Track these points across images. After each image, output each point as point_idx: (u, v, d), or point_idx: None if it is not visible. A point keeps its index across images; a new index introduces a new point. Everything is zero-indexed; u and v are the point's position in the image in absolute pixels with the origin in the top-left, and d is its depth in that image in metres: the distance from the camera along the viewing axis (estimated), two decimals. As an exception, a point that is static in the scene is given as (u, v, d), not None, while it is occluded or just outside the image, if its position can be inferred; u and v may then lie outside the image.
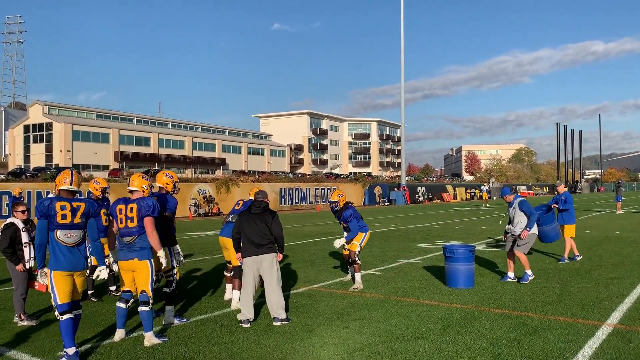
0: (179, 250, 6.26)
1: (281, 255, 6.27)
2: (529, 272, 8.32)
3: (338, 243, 8.12)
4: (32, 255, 6.35)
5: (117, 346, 5.31)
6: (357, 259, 8.11)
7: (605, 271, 9.22)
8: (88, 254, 7.39)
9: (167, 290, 6.19)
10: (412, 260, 11.01)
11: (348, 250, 8.19)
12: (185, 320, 6.28)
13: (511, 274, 8.45)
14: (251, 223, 6.14)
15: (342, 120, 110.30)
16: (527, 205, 8.38)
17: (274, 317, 6.08)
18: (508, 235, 8.56)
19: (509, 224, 8.55)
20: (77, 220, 5.03)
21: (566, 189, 10.93)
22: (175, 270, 6.23)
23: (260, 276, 6.17)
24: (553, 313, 6.36)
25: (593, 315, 6.22)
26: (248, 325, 5.93)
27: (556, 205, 10.55)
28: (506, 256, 8.63)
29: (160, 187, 6.32)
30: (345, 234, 8.28)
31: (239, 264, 7.06)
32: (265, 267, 6.10)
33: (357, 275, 8.06)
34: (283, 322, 6.03)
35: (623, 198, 28.30)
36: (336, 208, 8.13)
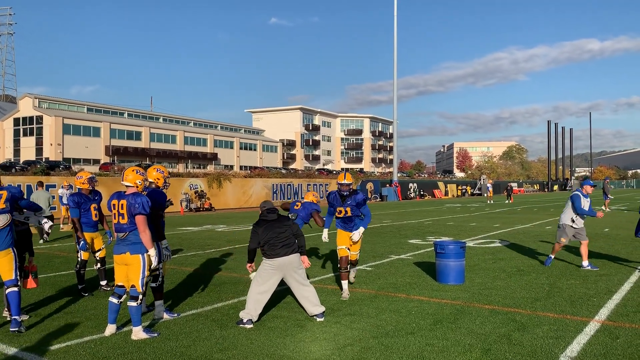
0: (167, 244, 6.26)
1: (307, 258, 6.28)
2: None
3: (327, 236, 7.83)
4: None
5: (107, 340, 5.30)
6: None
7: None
8: (78, 249, 7.46)
9: (154, 285, 6.18)
10: (403, 256, 11.05)
11: (350, 248, 7.43)
12: (175, 315, 6.27)
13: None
14: (272, 230, 6.08)
15: (335, 116, 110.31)
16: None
17: (316, 315, 6.02)
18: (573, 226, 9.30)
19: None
20: (2, 205, 5.65)
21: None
22: (161, 265, 6.23)
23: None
24: (542, 309, 6.41)
25: (581, 312, 6.28)
26: (251, 325, 5.78)
27: None
28: (557, 244, 9.48)
29: (150, 182, 6.36)
30: (339, 224, 7.40)
31: (251, 272, 7.00)
32: (295, 266, 6.08)
33: (346, 282, 7.31)
34: (323, 314, 6.06)
35: (611, 197, 28.51)
36: (347, 192, 7.23)
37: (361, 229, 7.31)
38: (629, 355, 4.75)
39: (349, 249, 7.39)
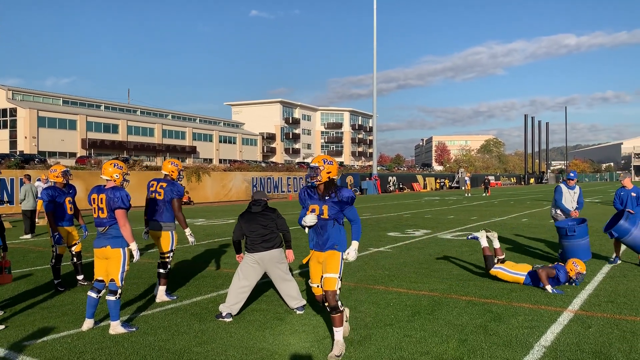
0: (190, 232, 7.03)
1: (291, 252, 6.23)
2: None
3: (311, 219, 4.74)
4: None
5: (84, 335, 5.24)
6: (339, 303, 4.65)
7: (568, 259, 9.48)
8: (53, 243, 7.36)
9: (161, 271, 6.67)
10: (382, 248, 11.13)
11: (322, 285, 4.79)
12: (175, 297, 6.75)
13: None
14: (254, 223, 6.02)
15: (315, 109, 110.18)
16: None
17: (297, 308, 6.03)
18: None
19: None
20: None
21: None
22: (172, 254, 6.76)
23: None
24: (518, 300, 6.53)
25: (555, 302, 6.42)
26: (230, 319, 5.77)
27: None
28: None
29: (165, 174, 6.93)
30: (310, 236, 4.90)
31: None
32: (277, 260, 6.03)
33: (339, 332, 4.67)
34: (303, 307, 6.07)
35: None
36: (314, 181, 4.73)
37: (355, 244, 4.72)
38: (600, 344, 4.88)
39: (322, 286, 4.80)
